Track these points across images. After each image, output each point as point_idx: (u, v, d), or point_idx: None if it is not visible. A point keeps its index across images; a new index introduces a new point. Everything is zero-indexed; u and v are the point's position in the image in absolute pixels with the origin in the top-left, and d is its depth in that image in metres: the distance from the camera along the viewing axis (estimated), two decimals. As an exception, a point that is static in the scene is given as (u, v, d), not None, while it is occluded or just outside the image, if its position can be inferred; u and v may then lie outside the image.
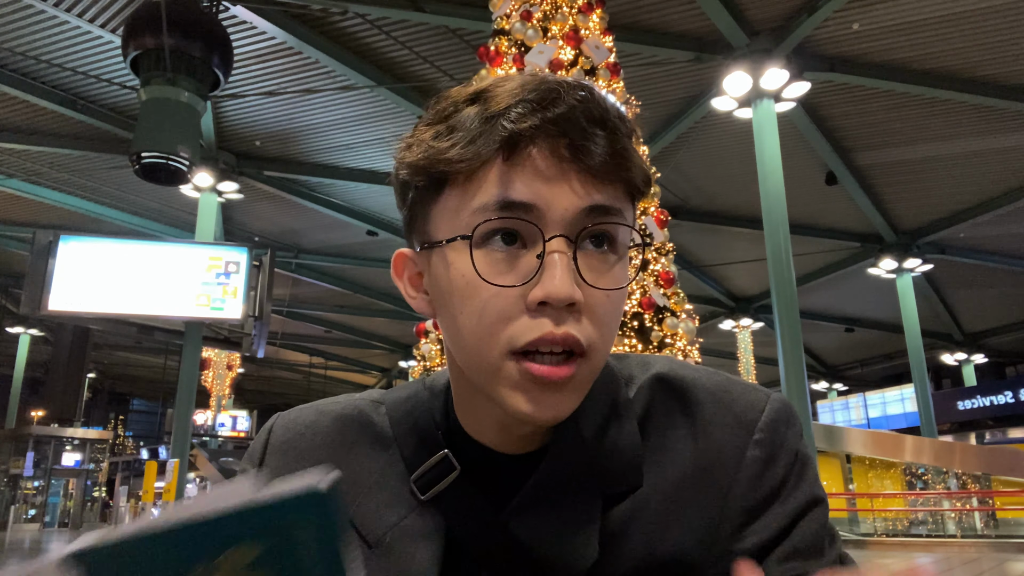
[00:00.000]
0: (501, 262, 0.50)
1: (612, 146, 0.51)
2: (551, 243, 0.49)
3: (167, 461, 9.70)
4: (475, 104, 0.52)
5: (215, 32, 9.41)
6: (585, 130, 0.50)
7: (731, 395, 0.58)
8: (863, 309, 21.52)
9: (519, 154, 0.50)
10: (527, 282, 0.49)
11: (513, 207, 0.50)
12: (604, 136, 0.51)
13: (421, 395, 0.63)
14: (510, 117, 0.50)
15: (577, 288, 0.49)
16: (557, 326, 0.49)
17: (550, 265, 0.49)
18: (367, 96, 11.84)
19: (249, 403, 34.94)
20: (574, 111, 0.50)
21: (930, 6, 9.59)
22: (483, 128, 0.50)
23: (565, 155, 0.50)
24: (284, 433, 0.64)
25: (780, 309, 9.85)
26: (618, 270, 0.52)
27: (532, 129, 0.49)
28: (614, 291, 0.51)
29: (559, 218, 0.50)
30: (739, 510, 0.55)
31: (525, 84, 0.52)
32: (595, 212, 0.51)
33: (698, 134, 12.62)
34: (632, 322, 5.71)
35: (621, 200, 0.53)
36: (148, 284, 12.46)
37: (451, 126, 0.52)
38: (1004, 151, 12.75)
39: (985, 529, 14.17)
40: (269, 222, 16.88)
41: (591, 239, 0.51)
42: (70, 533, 20.50)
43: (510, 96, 0.51)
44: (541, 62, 6.48)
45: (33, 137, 13.15)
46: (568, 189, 0.50)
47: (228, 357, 24.10)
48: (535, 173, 0.50)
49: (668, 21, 10.19)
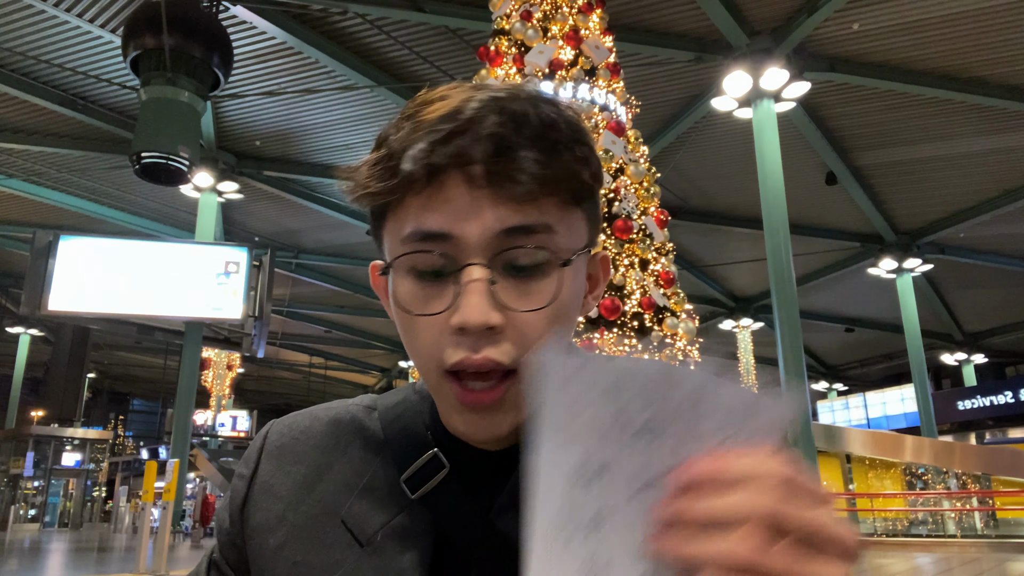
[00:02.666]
0: (424, 290, 0.52)
1: (539, 164, 0.51)
2: (466, 271, 0.50)
3: (167, 461, 9.70)
4: (402, 131, 0.53)
5: (215, 32, 9.42)
6: (499, 156, 0.50)
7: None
8: (863, 309, 21.53)
9: (434, 184, 0.51)
10: (446, 310, 0.51)
11: (430, 238, 0.51)
12: (530, 155, 0.50)
13: (411, 399, 0.64)
14: (422, 150, 0.51)
15: (495, 313, 0.50)
16: (475, 352, 0.50)
17: (465, 292, 0.50)
18: (367, 96, 11.84)
19: (249, 403, 34.95)
20: (488, 137, 0.50)
21: (930, 6, 9.60)
22: (399, 161, 0.52)
23: (480, 182, 0.50)
24: (279, 438, 0.65)
25: (780, 309, 9.85)
26: (545, 286, 0.52)
27: (443, 160, 0.50)
28: (542, 309, 0.51)
29: (475, 244, 0.50)
30: None
31: (446, 110, 0.52)
32: (514, 233, 0.51)
33: (698, 134, 12.62)
34: (632, 322, 5.71)
35: (553, 212, 0.52)
36: (148, 284, 12.47)
37: (379, 157, 0.54)
38: (1004, 151, 12.76)
39: (985, 529, 14.18)
40: (269, 222, 16.89)
41: (511, 261, 0.52)
42: (70, 533, 20.50)
43: (427, 126, 0.51)
44: (541, 62, 6.48)
45: (33, 137, 13.15)
46: (483, 215, 0.50)
47: (228, 357, 24.12)
48: (449, 202, 0.51)
49: (668, 21, 10.19)
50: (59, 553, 12.73)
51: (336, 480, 0.60)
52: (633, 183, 6.23)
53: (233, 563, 0.63)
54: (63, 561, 11.13)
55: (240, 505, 0.63)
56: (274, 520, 0.60)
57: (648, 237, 6.11)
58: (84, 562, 10.81)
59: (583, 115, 0.60)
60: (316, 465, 0.62)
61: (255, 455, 0.65)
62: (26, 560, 10.96)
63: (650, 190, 6.43)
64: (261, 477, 0.63)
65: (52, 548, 13.96)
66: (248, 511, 0.62)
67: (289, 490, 0.61)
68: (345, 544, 0.57)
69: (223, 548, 0.64)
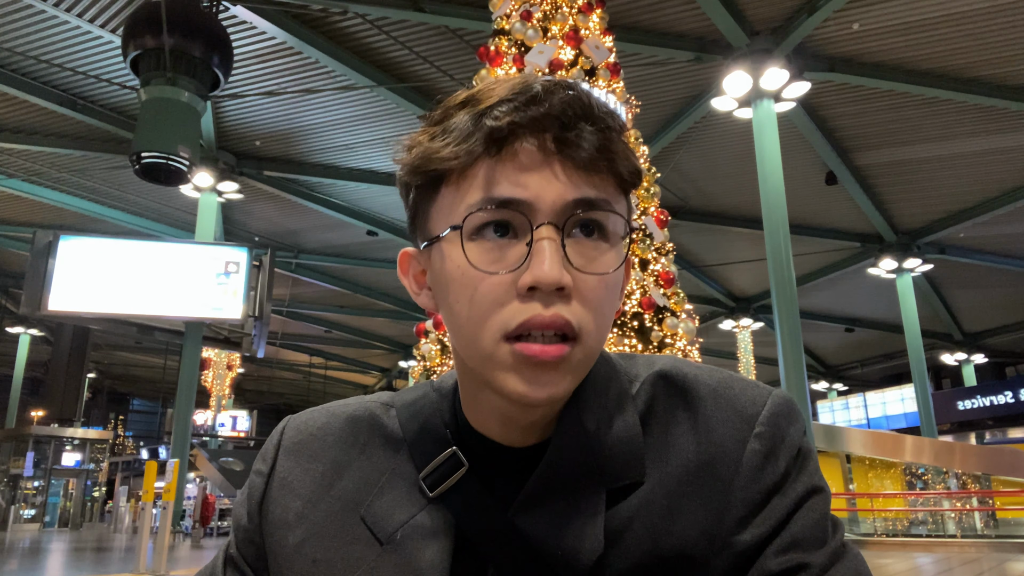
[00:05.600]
0: (492, 251, 0.52)
1: (599, 140, 0.53)
2: (539, 231, 0.51)
3: (167, 461, 9.70)
4: (465, 107, 0.55)
5: (215, 32, 9.41)
6: (570, 125, 0.52)
7: (733, 391, 0.59)
8: (863, 309, 21.52)
9: (507, 150, 0.52)
10: (516, 269, 0.51)
11: (502, 201, 0.52)
12: (591, 131, 0.53)
13: (430, 396, 0.65)
14: (495, 115, 0.52)
15: (566, 273, 0.51)
16: (546, 308, 0.51)
17: (538, 251, 0.51)
18: (367, 96, 11.84)
19: (249, 403, 34.93)
20: (558, 107, 0.52)
21: (930, 6, 9.59)
22: (471, 127, 0.53)
23: (551, 149, 0.52)
24: (296, 435, 0.66)
25: (780, 309, 9.85)
26: (609, 257, 0.54)
27: (517, 125, 0.52)
28: (605, 275, 0.53)
29: (547, 209, 0.52)
30: (741, 502, 0.55)
31: (513, 85, 0.54)
32: (582, 203, 0.53)
33: (698, 134, 12.62)
34: (632, 322, 5.71)
35: (610, 192, 0.55)
36: (148, 284, 12.47)
37: (444, 128, 0.55)
38: (1004, 151, 12.75)
39: (985, 529, 14.17)
40: (269, 222, 16.88)
41: (580, 227, 0.53)
42: (70, 533, 20.50)
43: (497, 96, 0.53)
44: (541, 62, 6.47)
45: (33, 137, 13.15)
46: (555, 181, 0.52)
47: (228, 357, 24.11)
48: (522, 167, 0.52)
49: (668, 21, 10.19)
50: (59, 553, 12.73)
51: (355, 478, 0.61)
52: (633, 183, 6.22)
53: (251, 559, 0.63)
54: (63, 561, 11.13)
55: (259, 501, 0.63)
56: (293, 517, 0.61)
57: (648, 237, 6.11)
58: (84, 562, 10.81)
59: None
60: (335, 463, 0.63)
61: (272, 451, 0.65)
62: (26, 560, 10.96)
63: (650, 190, 6.43)
64: (279, 474, 0.63)
65: (52, 548, 13.96)
66: (267, 507, 0.62)
67: (308, 487, 0.62)
68: (365, 542, 0.58)
69: (240, 544, 0.64)
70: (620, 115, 0.56)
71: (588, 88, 0.57)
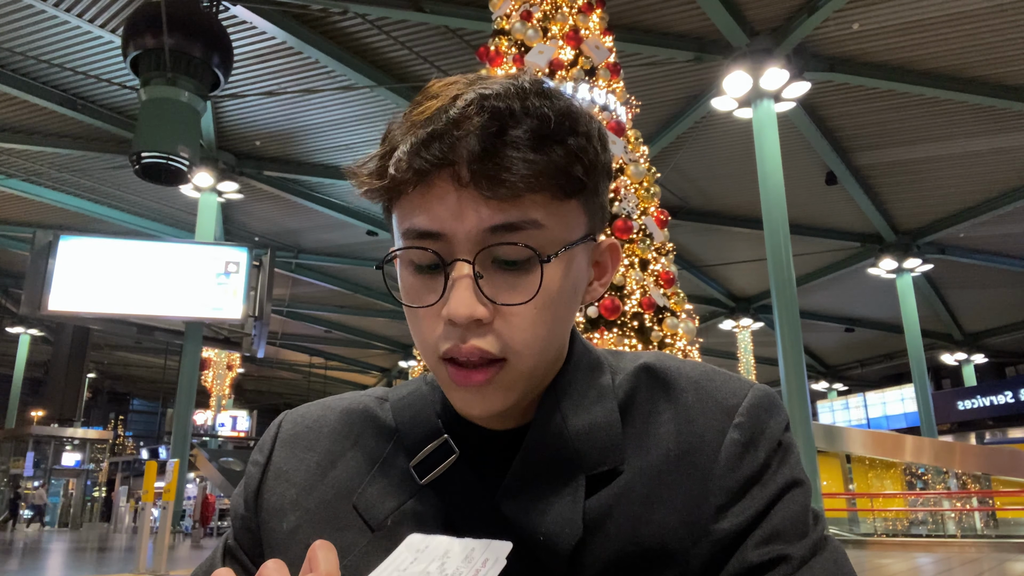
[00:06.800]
0: (425, 281, 0.55)
1: (524, 156, 0.52)
2: (453, 267, 0.53)
3: (167, 461, 9.70)
4: (398, 130, 0.56)
5: (215, 32, 9.41)
6: (484, 155, 0.51)
7: (714, 383, 0.61)
8: (863, 309, 21.53)
9: (423, 184, 0.53)
10: (438, 302, 0.54)
11: (422, 235, 0.54)
12: (514, 154, 0.52)
13: (422, 389, 0.66)
14: (406, 152, 0.53)
15: (479, 307, 0.52)
16: (463, 341, 0.53)
17: (452, 287, 0.53)
18: (367, 96, 11.84)
19: (249, 403, 34.94)
20: (471, 139, 0.52)
21: (930, 6, 9.60)
22: (392, 161, 0.54)
23: (465, 181, 0.52)
24: (292, 427, 0.68)
25: (780, 309, 9.85)
26: (529, 281, 0.54)
27: (428, 163, 0.52)
28: (527, 302, 0.54)
29: (463, 242, 0.53)
30: (719, 491, 0.56)
31: (431, 112, 0.54)
32: (499, 231, 0.53)
33: (698, 134, 12.62)
34: (632, 322, 5.71)
35: (541, 208, 0.54)
36: (148, 284, 12.46)
37: (376, 156, 0.57)
38: (1004, 151, 12.76)
39: (985, 529, 14.17)
40: (269, 222, 16.89)
41: (497, 256, 0.54)
42: (70, 533, 20.50)
43: (414, 127, 0.54)
44: (541, 62, 6.48)
45: (33, 137, 13.15)
46: (469, 214, 0.52)
47: (228, 357, 24.11)
48: (437, 201, 0.53)
49: (668, 21, 10.19)
50: (59, 553, 12.73)
51: (348, 467, 0.63)
52: (633, 183, 6.23)
53: (248, 548, 0.65)
54: (63, 561, 11.13)
55: (255, 490, 0.65)
56: (288, 504, 0.62)
57: (648, 237, 6.11)
58: (84, 562, 10.81)
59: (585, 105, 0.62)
60: (329, 453, 0.64)
61: (269, 443, 0.67)
62: (26, 560, 10.96)
63: (650, 190, 6.43)
64: (275, 463, 0.65)
65: (52, 548, 13.96)
66: (262, 496, 0.64)
67: (302, 476, 0.63)
68: (357, 528, 0.59)
69: (238, 533, 0.65)
70: (569, 111, 0.54)
71: (544, 84, 0.55)
